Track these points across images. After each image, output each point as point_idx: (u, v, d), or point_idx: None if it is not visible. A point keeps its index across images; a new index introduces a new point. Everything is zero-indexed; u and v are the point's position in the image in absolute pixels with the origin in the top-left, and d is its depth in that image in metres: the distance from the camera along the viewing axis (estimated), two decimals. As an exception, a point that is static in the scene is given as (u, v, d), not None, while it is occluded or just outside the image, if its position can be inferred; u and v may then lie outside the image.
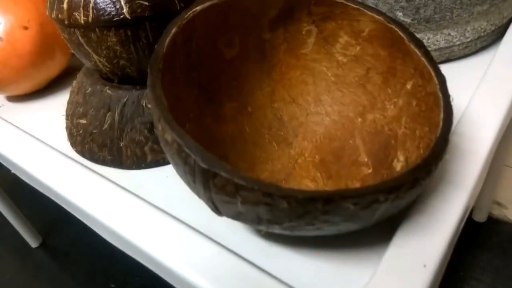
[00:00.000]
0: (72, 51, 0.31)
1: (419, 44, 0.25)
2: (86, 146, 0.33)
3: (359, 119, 0.29)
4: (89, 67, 0.32)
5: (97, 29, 0.27)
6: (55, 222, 0.84)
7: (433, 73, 0.23)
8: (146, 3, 0.27)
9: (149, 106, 0.30)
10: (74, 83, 0.35)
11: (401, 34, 0.26)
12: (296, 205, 0.18)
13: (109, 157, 0.32)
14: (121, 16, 0.26)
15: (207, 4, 0.25)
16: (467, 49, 0.35)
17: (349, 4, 0.27)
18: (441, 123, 0.21)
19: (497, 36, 0.36)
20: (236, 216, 0.20)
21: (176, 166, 0.21)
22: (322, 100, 0.31)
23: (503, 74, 0.30)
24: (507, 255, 0.66)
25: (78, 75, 0.35)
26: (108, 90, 0.31)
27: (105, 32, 0.27)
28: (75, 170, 0.30)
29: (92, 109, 0.32)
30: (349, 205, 0.18)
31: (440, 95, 0.22)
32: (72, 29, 0.28)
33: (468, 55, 0.36)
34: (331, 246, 0.23)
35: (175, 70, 0.25)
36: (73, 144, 0.34)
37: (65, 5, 0.27)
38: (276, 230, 0.21)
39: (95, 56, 0.29)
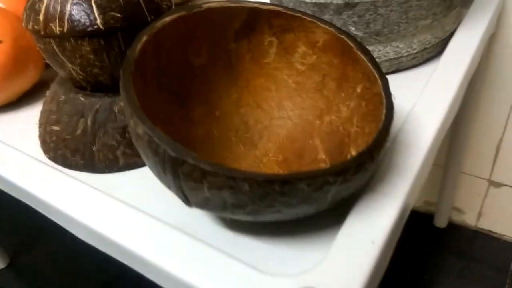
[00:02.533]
0: (47, 61, 0.32)
1: (365, 51, 0.28)
2: (59, 152, 0.34)
3: (317, 121, 0.32)
4: (63, 77, 0.33)
5: (71, 39, 0.29)
6: (23, 242, 0.83)
7: (377, 76, 0.27)
8: (119, 15, 0.29)
9: (120, 112, 0.32)
10: (48, 93, 0.36)
11: (350, 43, 0.29)
12: (257, 187, 0.20)
13: (82, 162, 0.33)
14: (95, 27, 0.28)
15: (176, 15, 0.28)
16: (415, 60, 0.39)
17: (305, 17, 0.30)
18: (383, 117, 0.24)
19: (441, 47, 0.40)
20: (204, 203, 0.22)
21: (147, 159, 0.23)
22: (284, 105, 0.34)
23: (443, 82, 0.34)
24: (468, 259, 0.70)
25: (51, 85, 0.36)
26: (81, 98, 0.33)
27: (79, 42, 0.29)
28: (47, 172, 0.31)
29: (65, 116, 0.33)
30: (304, 186, 0.20)
31: (383, 94, 0.25)
32: (48, 39, 0.29)
33: (416, 66, 0.40)
34: (291, 231, 0.25)
35: (146, 75, 0.27)
36: (46, 151, 0.35)
37: (41, 17, 0.29)
38: (241, 216, 0.23)
39: (69, 65, 0.30)
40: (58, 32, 0.28)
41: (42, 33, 0.29)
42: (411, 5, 0.35)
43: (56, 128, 0.34)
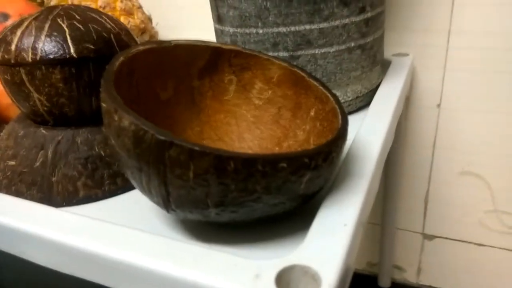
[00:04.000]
0: (9, 94, 0.32)
1: (315, 78, 0.33)
2: (13, 188, 0.32)
3: (276, 148, 0.35)
4: (25, 111, 0.33)
5: (43, 67, 0.30)
6: None
7: (329, 95, 0.31)
8: (92, 47, 0.31)
9: (83, 143, 0.32)
10: (3, 132, 0.35)
11: (302, 73, 0.33)
12: (241, 166, 0.21)
13: (38, 195, 0.31)
14: (68, 56, 0.30)
15: (147, 46, 0.31)
16: (350, 107, 0.45)
17: (261, 56, 0.35)
18: (340, 120, 0.27)
19: (370, 97, 0.46)
20: (185, 199, 0.23)
21: (129, 156, 0.23)
22: (244, 137, 0.36)
23: (372, 128, 0.38)
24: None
25: (7, 126, 0.36)
26: (42, 130, 0.33)
27: (50, 70, 0.30)
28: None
29: (24, 150, 0.32)
30: (284, 165, 0.22)
31: (336, 106, 0.29)
32: (17, 68, 0.30)
33: (351, 112, 0.46)
34: (264, 232, 0.26)
35: (120, 94, 0.28)
36: (-3, 188, 0.33)
37: (13, 47, 0.30)
38: (220, 213, 0.23)
39: (35, 95, 0.31)
40: (30, 60, 0.30)
41: (12, 61, 0.30)
42: (343, 57, 0.42)
43: (12, 162, 0.32)
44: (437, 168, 0.64)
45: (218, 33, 0.46)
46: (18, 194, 0.32)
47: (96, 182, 0.32)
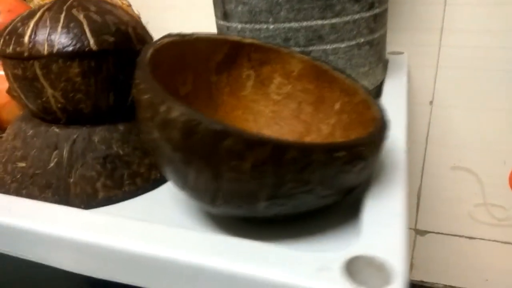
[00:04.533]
0: (16, 90, 0.30)
1: (341, 71, 0.32)
2: (24, 191, 0.30)
3: (299, 143, 0.34)
4: (33, 108, 0.31)
5: (60, 60, 0.28)
6: None
7: (357, 87, 0.30)
8: (111, 39, 0.29)
9: (100, 141, 0.30)
10: (6, 134, 0.33)
11: (326, 66, 0.33)
12: (299, 156, 0.21)
13: (54, 198, 0.29)
14: (87, 48, 0.28)
15: (171, 39, 0.29)
16: (358, 103, 0.45)
17: (282, 49, 0.34)
18: (378, 111, 0.27)
19: (375, 94, 0.47)
20: (237, 192, 0.22)
21: (176, 146, 0.22)
22: (263, 133, 0.35)
23: (392, 122, 0.39)
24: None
25: (10, 125, 0.33)
26: (55, 129, 0.30)
27: (68, 63, 0.28)
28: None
29: (35, 151, 0.30)
30: (341, 154, 0.21)
31: (368, 98, 0.29)
32: (31, 62, 0.28)
33: (359, 108, 0.46)
34: (309, 221, 0.25)
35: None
36: (5, 193, 0.30)
37: (26, 39, 0.28)
38: (272, 204, 0.22)
39: (49, 90, 0.29)
40: (46, 52, 0.28)
41: (26, 54, 0.28)
42: (353, 53, 0.42)
43: (22, 164, 0.30)
44: (430, 164, 0.66)
45: (224, 30, 0.45)
46: (30, 197, 0.29)
47: (115, 182, 0.31)
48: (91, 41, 0.28)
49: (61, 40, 0.28)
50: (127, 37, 0.30)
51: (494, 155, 0.62)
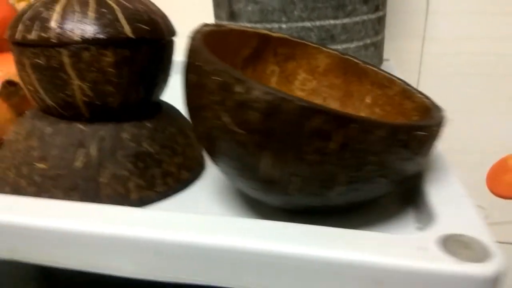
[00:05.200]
0: (33, 84, 0.27)
1: (371, 64, 0.33)
2: (45, 195, 0.26)
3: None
4: (51, 103, 0.28)
5: (93, 48, 0.26)
6: None
7: (393, 78, 0.31)
8: (146, 27, 0.27)
9: (129, 139, 0.28)
10: (14, 132, 0.29)
11: (355, 60, 0.33)
12: (386, 135, 0.20)
13: (81, 201, 0.26)
14: (123, 35, 0.26)
15: (209, 28, 0.28)
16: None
17: (309, 44, 0.34)
18: (426, 99, 0.27)
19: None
20: (315, 177, 0.21)
21: (253, 129, 0.20)
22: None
23: None
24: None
25: (18, 125, 0.30)
26: (79, 125, 0.28)
27: (101, 51, 0.26)
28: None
29: (56, 149, 0.27)
30: (422, 133, 0.21)
31: (408, 88, 0.29)
32: (58, 50, 0.25)
33: (363, 109, 0.46)
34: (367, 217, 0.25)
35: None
36: (21, 198, 0.27)
37: (52, 24, 0.25)
38: (349, 189, 0.22)
39: (76, 82, 0.26)
40: (79, 39, 0.25)
41: (53, 41, 0.25)
42: (361, 54, 0.43)
43: (41, 165, 0.27)
44: (412, 167, 0.68)
45: (229, 30, 0.44)
46: (53, 202, 0.26)
47: (148, 182, 0.28)
48: (126, 28, 0.26)
49: (94, 26, 0.25)
50: (159, 27, 0.28)
51: (476, 157, 0.65)
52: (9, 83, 0.36)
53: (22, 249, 0.23)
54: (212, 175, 0.32)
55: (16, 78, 0.37)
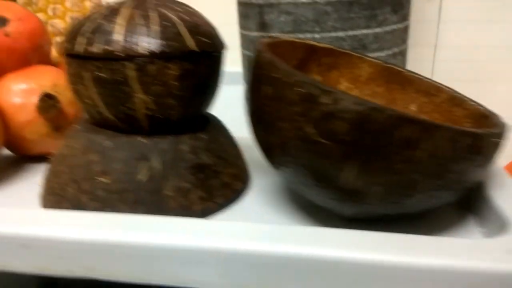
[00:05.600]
0: (91, 97, 0.27)
1: (415, 73, 0.33)
2: (108, 210, 0.26)
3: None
4: (110, 116, 0.27)
5: (160, 61, 0.26)
6: None
7: (439, 87, 0.32)
8: (207, 40, 0.27)
9: (189, 151, 0.28)
10: (68, 147, 0.29)
11: (398, 69, 0.34)
12: (474, 142, 0.21)
13: (147, 214, 0.26)
14: (188, 48, 0.26)
15: (267, 41, 0.28)
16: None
17: (353, 53, 0.34)
18: (481, 109, 0.28)
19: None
20: (400, 184, 0.21)
21: (340, 139, 0.21)
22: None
23: None
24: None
25: (72, 140, 0.29)
26: (140, 139, 0.27)
27: (167, 64, 0.26)
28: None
29: (118, 163, 0.27)
30: (494, 140, 0.22)
31: (457, 95, 0.30)
32: (123, 63, 0.25)
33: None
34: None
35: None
36: (84, 213, 0.26)
37: (116, 37, 0.25)
38: (427, 196, 0.22)
39: (139, 96, 0.26)
40: (147, 52, 0.25)
41: (119, 54, 0.25)
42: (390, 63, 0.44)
43: (104, 180, 0.27)
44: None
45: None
46: (118, 216, 0.26)
47: (208, 194, 0.28)
48: (190, 42, 0.26)
49: (159, 39, 0.26)
50: (217, 40, 0.29)
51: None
52: (47, 96, 0.36)
53: (100, 267, 0.22)
54: (260, 185, 0.32)
55: (51, 90, 0.37)
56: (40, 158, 0.38)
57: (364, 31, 0.41)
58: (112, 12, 0.27)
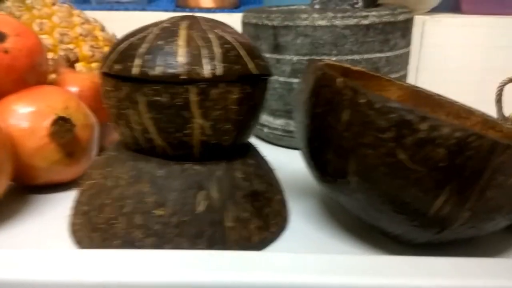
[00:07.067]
0: (143, 123, 0.25)
1: (444, 96, 0.35)
2: (166, 246, 0.24)
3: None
4: (160, 143, 0.25)
5: (223, 84, 0.24)
6: None
7: (471, 110, 0.33)
8: (264, 63, 0.27)
9: (243, 178, 0.27)
10: (105, 176, 0.26)
11: (428, 93, 0.35)
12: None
13: (209, 249, 0.24)
14: (250, 72, 0.25)
15: (318, 63, 0.28)
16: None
17: (383, 77, 0.35)
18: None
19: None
20: (488, 209, 0.21)
21: (432, 167, 0.20)
22: None
23: None
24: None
25: (112, 168, 0.27)
26: (194, 166, 0.26)
27: (229, 88, 0.24)
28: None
29: (174, 193, 0.25)
30: None
31: (488, 118, 0.32)
32: (185, 87, 0.24)
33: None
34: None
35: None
36: (139, 251, 0.24)
37: (179, 59, 0.24)
38: (504, 220, 0.23)
39: (198, 121, 0.25)
40: (210, 75, 0.24)
41: (182, 77, 0.23)
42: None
43: (160, 212, 0.24)
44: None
45: (272, 62, 0.44)
46: (178, 252, 0.24)
47: (264, 223, 0.27)
48: (251, 65, 0.25)
49: (223, 62, 0.24)
50: (268, 64, 0.28)
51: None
52: (62, 119, 0.33)
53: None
54: (298, 210, 0.31)
55: (64, 113, 0.33)
56: (47, 187, 0.34)
57: (378, 55, 0.42)
58: (169, 33, 0.25)
